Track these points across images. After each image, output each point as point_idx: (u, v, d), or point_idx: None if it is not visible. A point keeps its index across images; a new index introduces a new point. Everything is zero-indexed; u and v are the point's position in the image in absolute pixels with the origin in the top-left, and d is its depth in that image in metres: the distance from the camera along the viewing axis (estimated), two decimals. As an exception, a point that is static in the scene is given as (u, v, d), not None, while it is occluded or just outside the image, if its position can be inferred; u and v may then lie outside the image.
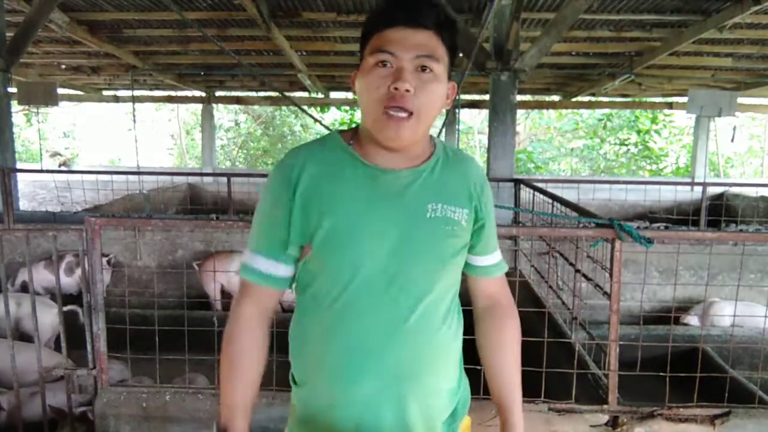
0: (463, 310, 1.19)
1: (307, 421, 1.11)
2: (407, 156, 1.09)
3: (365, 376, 1.05)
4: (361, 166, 1.07)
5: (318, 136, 1.25)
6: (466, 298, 1.20)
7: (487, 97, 6.79)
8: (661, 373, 2.39)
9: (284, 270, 1.10)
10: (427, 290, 1.06)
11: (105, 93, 12.38)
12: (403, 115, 0.99)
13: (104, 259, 4.61)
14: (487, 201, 1.17)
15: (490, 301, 1.24)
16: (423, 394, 1.08)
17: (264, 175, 7.11)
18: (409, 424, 1.07)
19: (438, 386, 1.12)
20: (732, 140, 10.88)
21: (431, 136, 1.16)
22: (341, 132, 1.14)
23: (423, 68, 1.00)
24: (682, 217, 7.24)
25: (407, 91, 0.98)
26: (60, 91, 7.92)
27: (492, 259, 1.22)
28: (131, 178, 7.41)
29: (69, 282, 4.70)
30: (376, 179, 1.06)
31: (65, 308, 2.57)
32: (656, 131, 16.80)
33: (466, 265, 1.19)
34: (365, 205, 1.04)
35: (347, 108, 16.12)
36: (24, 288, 4.81)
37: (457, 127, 10.04)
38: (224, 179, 7.17)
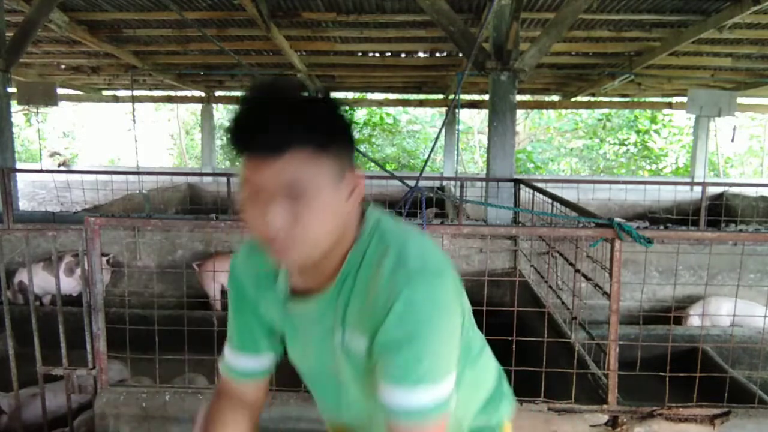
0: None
1: None
2: (318, 270, 0.94)
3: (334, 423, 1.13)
4: (277, 287, 1.01)
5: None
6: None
7: (486, 97, 6.79)
8: (661, 373, 2.39)
9: (255, 362, 1.10)
10: (372, 409, 0.95)
11: (105, 93, 12.39)
12: (282, 248, 0.86)
13: (103, 259, 4.61)
14: (393, 333, 0.83)
15: None
16: None
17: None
18: None
19: None
20: (732, 140, 10.90)
21: (363, 216, 0.95)
22: None
23: (294, 195, 0.82)
24: (681, 217, 7.25)
25: (277, 231, 0.83)
26: (60, 91, 7.92)
27: (388, 395, 0.85)
28: (131, 178, 7.41)
29: (68, 282, 4.69)
30: (289, 307, 1.00)
31: None
32: (656, 131, 16.82)
33: None
34: (286, 327, 1.04)
35: (347, 108, 16.11)
36: (21, 288, 4.81)
37: (456, 127, 10.05)
38: (224, 179, 7.17)
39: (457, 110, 10.53)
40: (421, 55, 8.30)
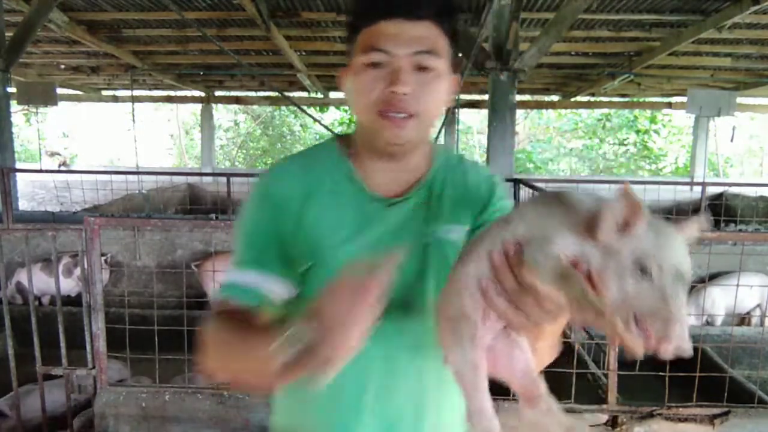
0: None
1: None
2: (406, 167, 0.96)
3: (361, 418, 0.95)
4: (353, 191, 0.94)
5: (317, 137, 1.21)
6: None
7: (486, 97, 6.80)
8: (661, 373, 2.39)
9: (275, 285, 0.91)
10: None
11: (104, 93, 12.39)
12: (402, 115, 0.87)
13: (102, 258, 4.60)
14: (499, 203, 1.01)
15: None
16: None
17: (263, 175, 7.16)
18: None
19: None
20: (731, 140, 10.89)
21: (432, 142, 1.03)
22: (339, 138, 1.02)
23: (422, 67, 0.87)
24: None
25: (405, 94, 0.86)
26: (59, 90, 7.91)
27: None
28: (130, 178, 7.41)
29: (66, 283, 4.67)
30: (369, 210, 0.94)
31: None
32: (655, 131, 16.83)
33: None
34: (353, 243, 0.91)
35: (346, 108, 16.14)
36: (19, 288, 4.80)
37: (456, 127, 10.05)
38: (224, 179, 7.17)
39: (456, 110, 10.54)
40: (420, 55, 8.29)
